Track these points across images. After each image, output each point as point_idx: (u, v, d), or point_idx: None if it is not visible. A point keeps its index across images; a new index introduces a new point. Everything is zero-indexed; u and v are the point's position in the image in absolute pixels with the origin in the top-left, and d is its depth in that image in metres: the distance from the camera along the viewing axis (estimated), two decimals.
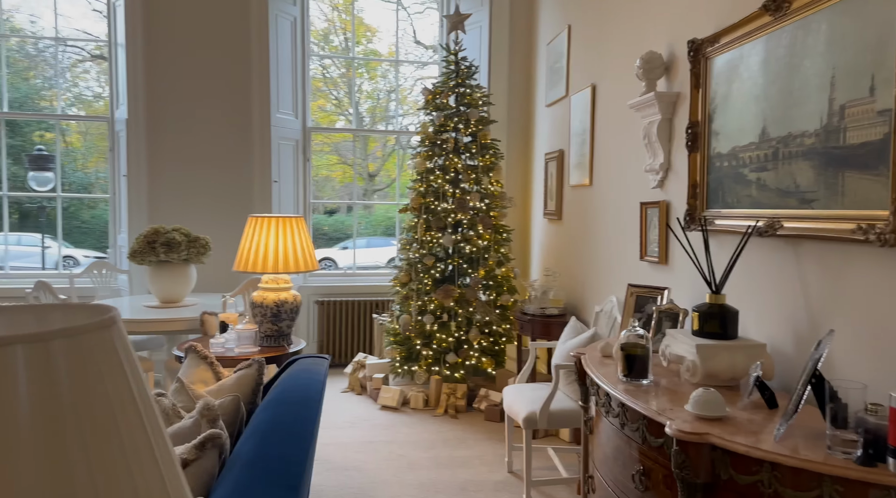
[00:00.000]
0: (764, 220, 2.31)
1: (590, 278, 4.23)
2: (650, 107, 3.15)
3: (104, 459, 0.69)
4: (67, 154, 18.01)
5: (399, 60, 6.40)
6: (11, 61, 18.37)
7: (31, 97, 17.25)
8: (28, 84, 17.86)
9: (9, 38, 14.94)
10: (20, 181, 10.18)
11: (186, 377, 2.86)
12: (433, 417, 4.56)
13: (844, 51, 1.95)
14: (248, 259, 3.25)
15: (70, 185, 16.76)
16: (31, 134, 16.67)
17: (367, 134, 17.61)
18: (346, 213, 20.41)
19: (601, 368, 2.51)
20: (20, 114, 12.33)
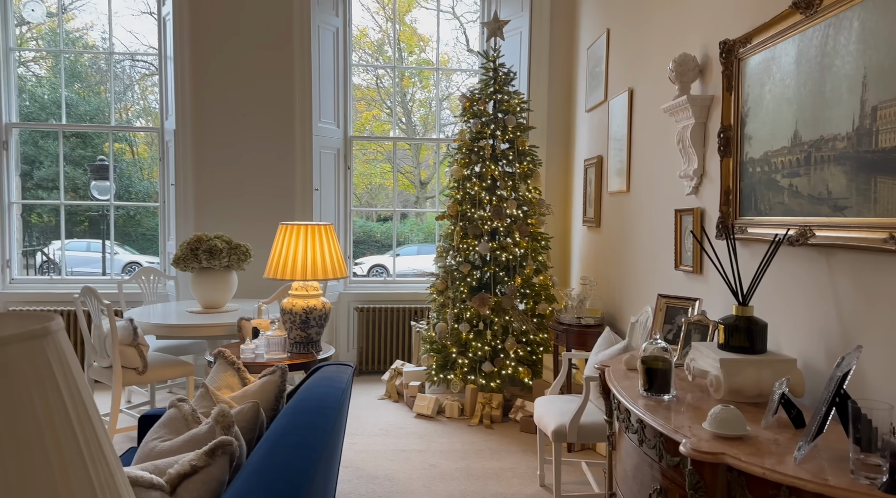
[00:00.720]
0: (795, 228, 2.20)
1: (627, 288, 4.12)
2: (683, 111, 3.05)
3: (22, 468, 0.69)
4: (134, 164, 18.79)
5: (439, 68, 6.41)
6: (84, 76, 19.27)
7: (102, 110, 18.09)
8: (99, 98, 18.68)
9: (65, 53, 15.60)
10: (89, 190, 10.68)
11: (214, 383, 2.92)
12: (468, 427, 4.52)
13: (877, 49, 1.83)
14: (278, 266, 3.30)
15: (136, 194, 17.49)
16: (101, 145, 17.49)
17: (408, 141, 17.73)
18: (399, 220, 20.60)
19: (623, 381, 2.43)
20: (76, 126, 12.91)
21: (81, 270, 13.70)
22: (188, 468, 1.93)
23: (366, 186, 19.44)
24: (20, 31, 17.51)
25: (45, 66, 18.11)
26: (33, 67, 18.41)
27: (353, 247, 5.58)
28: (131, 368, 3.97)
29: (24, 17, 12.41)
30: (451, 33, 17.15)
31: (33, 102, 17.24)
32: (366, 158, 18.71)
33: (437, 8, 7.09)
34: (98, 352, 4.01)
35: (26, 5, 9.05)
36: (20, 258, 5.56)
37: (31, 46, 17.58)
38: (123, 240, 16.63)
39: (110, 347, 3.88)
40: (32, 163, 17.53)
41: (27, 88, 17.68)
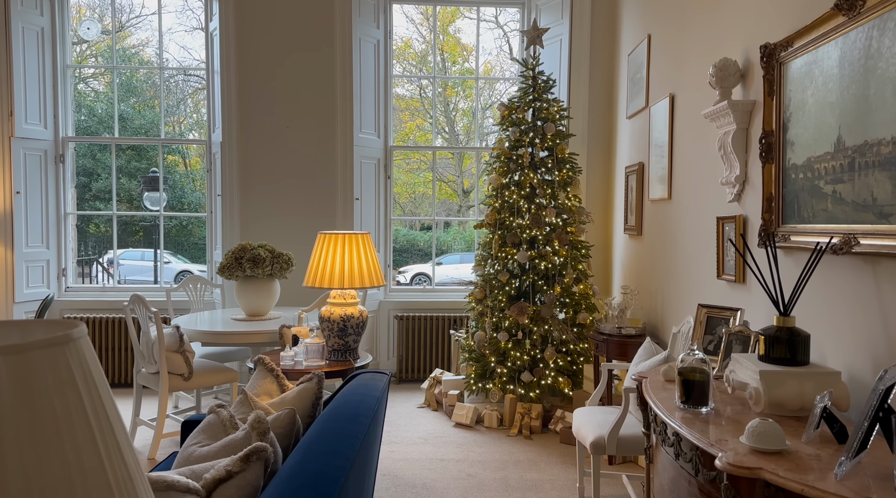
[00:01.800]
0: (839, 236, 2.12)
1: (668, 297, 4.04)
2: (724, 116, 2.98)
3: (42, 470, 0.72)
4: (187, 175, 19.38)
5: (479, 77, 6.43)
6: (139, 91, 19.98)
7: (156, 123, 18.72)
8: (153, 112, 19.34)
9: (118, 68, 16.14)
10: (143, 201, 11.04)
11: (253, 389, 2.97)
12: (507, 437, 4.49)
13: None
14: (317, 275, 3.35)
15: (188, 204, 18.01)
16: (155, 157, 18.12)
17: (447, 150, 17.78)
18: (443, 229, 20.68)
19: (661, 393, 2.38)
20: (128, 139, 13.36)
21: (135, 279, 14.19)
22: (224, 473, 1.97)
23: (409, 195, 19.60)
24: (80, 49, 18.34)
25: (103, 82, 18.91)
26: (92, 83, 19.24)
27: (397, 255, 5.63)
28: (177, 374, 4.08)
29: (81, 36, 12.96)
30: (494, 42, 17.18)
31: (91, 117, 18.00)
32: (409, 168, 18.88)
33: (477, 17, 7.12)
34: (146, 358, 4.13)
35: (83, 24, 9.47)
36: (76, 267, 5.78)
37: (90, 63, 18.39)
38: (176, 249, 17.16)
39: (157, 354, 4.00)
40: (90, 175, 18.28)
41: (86, 103, 18.47)
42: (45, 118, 5.40)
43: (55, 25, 5.41)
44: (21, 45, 5.17)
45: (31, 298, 5.21)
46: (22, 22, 5.17)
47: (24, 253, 5.26)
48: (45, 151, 5.41)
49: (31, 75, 5.26)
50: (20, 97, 5.17)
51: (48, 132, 5.44)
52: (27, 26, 5.21)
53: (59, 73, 5.46)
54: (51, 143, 5.46)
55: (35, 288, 5.33)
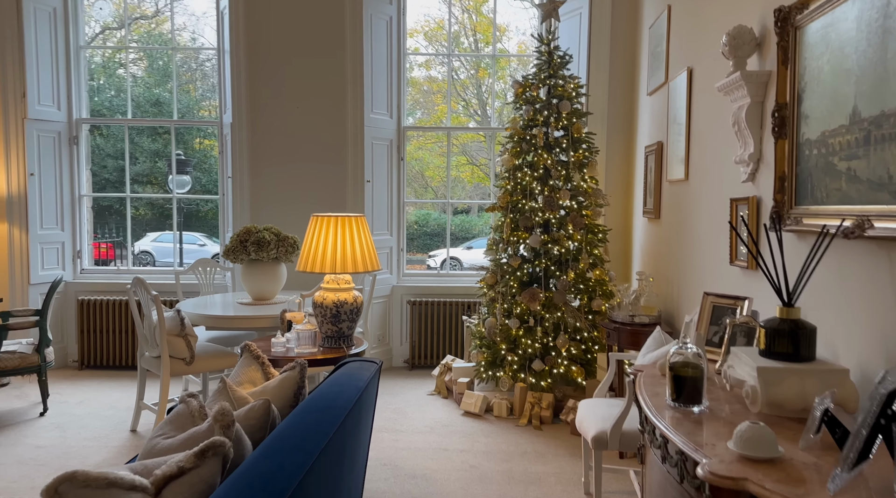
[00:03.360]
0: (852, 218, 1.90)
1: (684, 283, 3.82)
2: (738, 89, 2.75)
3: None
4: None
5: (497, 55, 6.21)
6: (178, 74, 20.23)
7: (192, 107, 18.95)
8: (189, 96, 19.56)
9: (132, 49, 16.24)
10: (183, 184, 11.13)
11: (237, 377, 2.88)
12: (515, 427, 4.35)
13: None
14: (308, 259, 3.24)
15: (218, 188, 18.21)
16: (192, 141, 18.37)
17: (462, 131, 17.52)
18: (476, 213, 20.49)
19: (654, 388, 2.20)
20: (140, 121, 13.42)
21: (167, 261, 14.41)
22: (175, 470, 1.86)
23: (441, 179, 19.44)
24: (121, 34, 18.61)
25: (141, 66, 19.17)
26: (132, 68, 19.55)
27: (428, 239, 5.50)
28: (179, 358, 4.04)
29: (93, 15, 13.01)
30: (529, 23, 16.80)
31: (130, 100, 18.29)
32: (441, 151, 18.70)
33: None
34: (149, 342, 4.10)
35: (94, 4, 9.51)
36: (90, 249, 5.81)
37: (131, 48, 18.65)
38: (212, 232, 17.36)
39: (160, 338, 3.96)
40: (130, 157, 18.58)
41: (123, 87, 18.77)
42: (58, 99, 5.40)
43: (67, 6, 5.38)
44: (33, 25, 5.16)
45: (45, 280, 5.25)
46: (34, 2, 5.16)
47: (39, 235, 5.29)
48: (58, 133, 5.42)
49: (43, 56, 5.26)
50: (32, 79, 5.17)
51: (62, 114, 5.44)
52: (39, 7, 5.20)
53: (72, 54, 5.44)
54: (64, 124, 5.46)
55: (50, 270, 5.37)
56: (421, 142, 18.67)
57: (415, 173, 19.79)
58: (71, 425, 4.23)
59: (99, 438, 4.03)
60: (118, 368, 5.56)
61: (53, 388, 4.97)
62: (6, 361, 4.25)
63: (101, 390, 4.99)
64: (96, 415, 4.45)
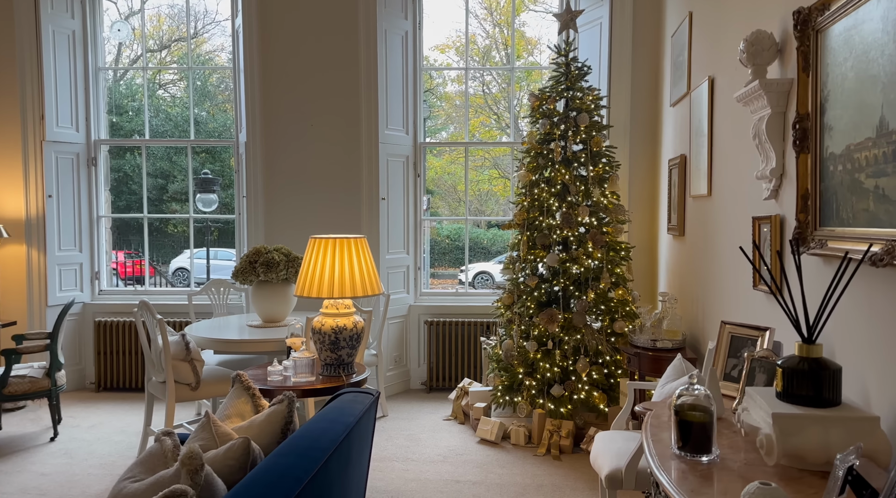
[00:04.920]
0: (881, 243, 1.67)
1: (710, 307, 3.57)
2: (758, 99, 2.53)
3: None
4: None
5: (514, 68, 6.05)
6: (213, 94, 20.60)
7: (229, 126, 19.23)
8: (225, 115, 19.89)
9: (149, 69, 16.51)
10: (210, 203, 11.24)
11: (226, 410, 2.75)
12: (533, 457, 4.13)
13: None
14: (306, 283, 3.11)
15: None
16: (228, 159, 18.64)
17: (479, 146, 17.31)
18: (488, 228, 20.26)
19: (660, 432, 1.99)
20: (158, 141, 13.54)
21: (202, 279, 14.54)
22: None
23: (474, 193, 19.32)
24: (160, 56, 19.08)
25: (181, 87, 19.60)
26: (171, 89, 20.00)
27: (460, 253, 5.34)
28: (185, 383, 3.95)
29: (110, 37, 13.23)
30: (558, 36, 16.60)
31: (167, 121, 18.70)
32: (474, 165, 18.60)
33: (513, 5, 6.74)
34: (155, 366, 4.02)
35: (113, 25, 9.67)
36: (109, 269, 5.81)
37: (170, 70, 19.13)
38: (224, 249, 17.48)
39: (165, 362, 3.88)
40: (167, 177, 18.98)
41: (162, 108, 19.21)
42: (76, 121, 5.43)
43: (87, 28, 5.43)
44: (52, 48, 5.20)
45: (63, 302, 5.25)
46: (52, 25, 5.20)
47: (57, 256, 5.31)
48: (76, 155, 5.44)
49: (62, 79, 5.29)
50: (51, 101, 5.21)
51: (80, 135, 5.47)
52: (58, 29, 5.24)
53: (90, 75, 5.47)
54: (83, 146, 5.49)
55: (68, 291, 5.38)
56: (453, 156, 18.61)
57: (448, 187, 19.70)
58: (79, 451, 4.18)
59: (105, 466, 3.95)
60: (134, 391, 5.52)
61: (67, 411, 4.95)
62: (16, 386, 4.23)
63: (114, 414, 4.95)
64: (106, 440, 4.39)
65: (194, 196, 8.49)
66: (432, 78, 17.70)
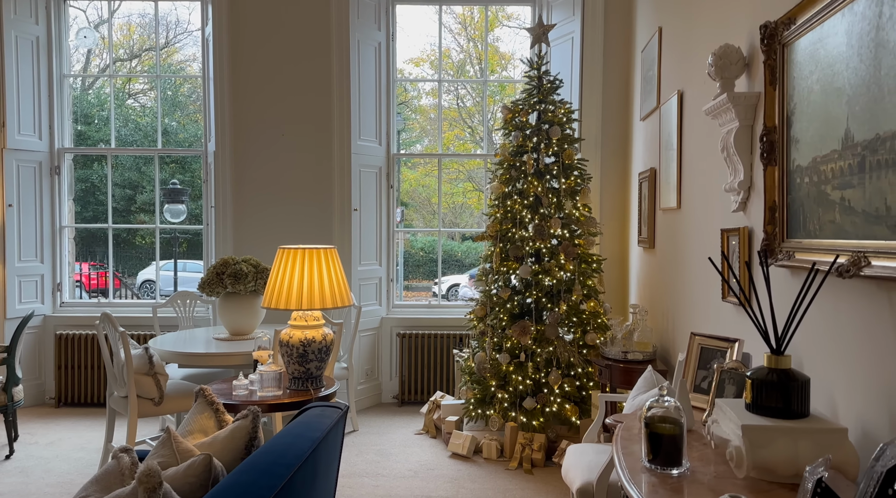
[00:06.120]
0: (847, 255, 1.68)
1: (680, 318, 3.59)
2: (726, 112, 2.55)
3: None
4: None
5: (488, 81, 6.06)
6: (184, 105, 20.44)
7: (200, 137, 19.02)
8: (196, 125, 19.68)
9: (113, 76, 16.30)
10: (175, 213, 11.07)
11: (188, 425, 2.67)
12: (505, 471, 4.09)
13: None
14: (273, 294, 3.05)
15: None
16: (198, 169, 18.38)
17: (453, 158, 17.39)
18: (460, 240, 20.29)
19: (631, 445, 1.97)
20: (124, 149, 13.32)
21: (170, 290, 14.29)
22: None
23: (449, 205, 19.34)
24: (131, 65, 18.84)
25: (149, 97, 19.35)
26: (142, 99, 19.73)
27: (434, 266, 5.29)
28: (147, 398, 3.84)
29: (77, 44, 13.03)
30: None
31: (137, 131, 18.43)
32: (448, 178, 18.61)
33: (484, 14, 6.78)
34: (117, 381, 3.91)
35: (79, 32, 9.52)
36: (71, 281, 5.66)
37: (140, 79, 18.88)
38: None
39: (127, 377, 3.77)
40: (135, 187, 18.68)
41: (132, 118, 18.94)
42: (39, 129, 5.29)
43: (51, 35, 5.31)
44: (14, 54, 5.07)
45: (22, 314, 5.09)
46: (15, 30, 5.08)
47: (17, 267, 5.15)
48: (39, 163, 5.30)
49: (24, 85, 5.16)
50: (13, 108, 5.07)
51: (43, 143, 5.33)
52: (21, 35, 5.12)
53: (55, 83, 5.35)
54: (46, 154, 5.35)
55: (28, 303, 5.22)
56: (428, 168, 18.63)
57: (422, 199, 19.69)
58: (35, 469, 4.03)
59: (62, 484, 3.81)
60: (96, 406, 5.36)
61: (25, 427, 4.78)
62: None
63: (74, 430, 4.79)
64: (65, 457, 4.24)
65: (161, 206, 8.34)
66: (407, 91, 17.73)
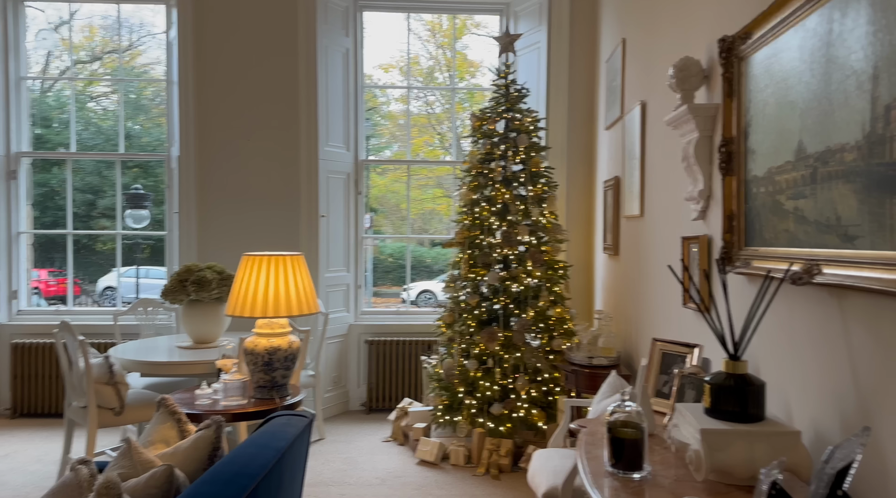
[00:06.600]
0: (801, 262, 1.74)
1: (643, 324, 3.65)
2: (687, 123, 2.61)
3: None
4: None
5: (456, 88, 6.11)
6: (148, 108, 20.13)
7: (163, 140, 18.70)
8: (160, 129, 19.40)
9: (73, 79, 16.02)
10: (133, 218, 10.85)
11: (150, 436, 2.62)
12: (472, 477, 4.10)
13: (889, 30, 1.39)
14: (238, 302, 3.02)
15: None
16: (162, 174, 18.08)
17: (422, 165, 17.47)
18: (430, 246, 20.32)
19: (594, 449, 2.00)
20: (84, 154, 13.02)
21: (132, 297, 14.01)
22: None
23: (419, 212, 19.32)
24: (92, 68, 18.45)
25: (112, 100, 18.97)
26: (103, 102, 19.32)
27: (403, 272, 5.28)
28: (108, 408, 3.76)
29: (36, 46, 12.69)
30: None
31: (98, 134, 18.04)
32: (417, 184, 18.60)
33: (452, 25, 6.83)
34: (76, 390, 3.82)
35: (38, 34, 9.31)
36: (28, 288, 5.51)
37: (102, 82, 18.49)
38: None
39: (87, 386, 3.69)
40: (97, 193, 18.28)
41: (93, 121, 18.53)
42: None
43: (7, 36, 5.18)
44: None
45: None
46: None
47: None
48: None
49: None
50: None
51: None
52: None
53: (11, 85, 5.22)
54: (2, 158, 5.21)
55: None
56: (397, 175, 18.61)
57: (391, 205, 19.65)
58: None
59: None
60: (54, 417, 5.22)
61: None
62: None
63: (31, 442, 4.66)
64: (20, 470, 4.13)
65: (123, 212, 8.18)
66: (376, 96, 17.69)
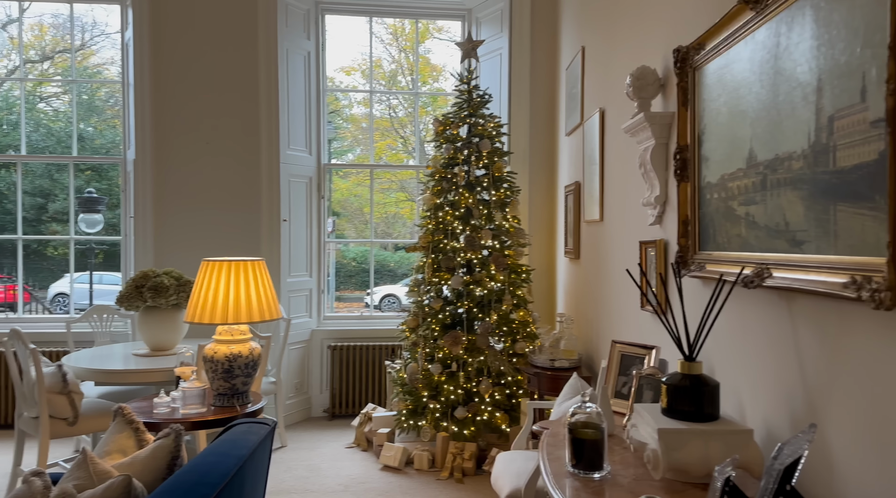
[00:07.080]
0: (751, 266, 1.80)
1: (603, 327, 3.72)
2: (643, 130, 2.68)
3: None
4: None
5: (419, 93, 6.12)
6: (101, 109, 19.56)
7: (117, 142, 18.28)
8: (114, 131, 18.88)
9: (21, 79, 15.67)
10: (94, 223, 10.57)
11: (106, 446, 2.56)
12: (436, 481, 4.11)
13: (832, 44, 1.46)
14: (197, 308, 2.97)
15: None
16: (116, 177, 17.65)
17: (385, 169, 17.48)
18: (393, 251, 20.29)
19: (556, 450, 2.03)
20: (34, 157, 12.73)
21: (85, 303, 13.63)
22: None
23: (382, 215, 19.27)
24: (42, 68, 17.91)
25: (63, 101, 18.45)
26: (54, 103, 18.77)
27: (366, 276, 5.23)
28: (61, 418, 3.66)
29: None
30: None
31: (49, 136, 17.53)
32: (380, 187, 18.56)
33: (416, 30, 6.85)
34: (27, 400, 3.71)
35: None
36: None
37: (53, 82, 18.00)
38: None
39: (38, 396, 3.58)
40: (48, 196, 17.75)
41: (44, 122, 17.98)
42: None
43: None
44: None
45: None
46: None
47: None
48: None
49: None
50: None
51: None
52: None
53: None
54: None
55: None
56: (360, 178, 18.51)
57: (354, 209, 19.54)
58: None
59: None
60: (3, 428, 5.06)
61: None
62: None
63: None
64: None
65: (76, 216, 7.97)
66: (339, 99, 17.60)
